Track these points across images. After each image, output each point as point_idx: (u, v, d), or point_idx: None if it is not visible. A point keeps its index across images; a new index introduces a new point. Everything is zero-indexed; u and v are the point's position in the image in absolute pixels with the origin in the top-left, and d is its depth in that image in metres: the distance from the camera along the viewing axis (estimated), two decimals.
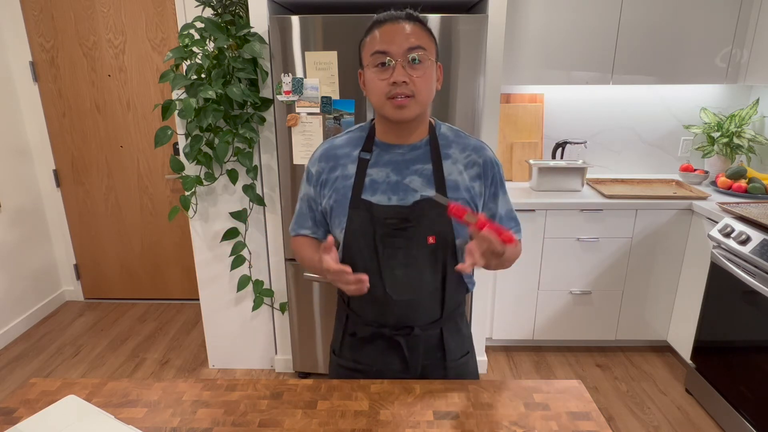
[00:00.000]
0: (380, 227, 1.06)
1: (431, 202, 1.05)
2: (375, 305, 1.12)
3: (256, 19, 2.07)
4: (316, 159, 1.15)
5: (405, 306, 1.10)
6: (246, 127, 2.12)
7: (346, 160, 1.11)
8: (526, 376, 2.55)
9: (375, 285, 1.07)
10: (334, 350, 1.25)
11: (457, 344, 1.19)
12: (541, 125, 2.85)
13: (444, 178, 1.08)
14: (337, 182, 1.11)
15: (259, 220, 2.39)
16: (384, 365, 1.16)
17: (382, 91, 1.00)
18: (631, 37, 2.46)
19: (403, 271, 1.08)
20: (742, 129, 2.66)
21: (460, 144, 1.13)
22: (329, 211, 1.12)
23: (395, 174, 1.08)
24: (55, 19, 2.87)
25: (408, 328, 1.12)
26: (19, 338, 2.96)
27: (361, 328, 1.16)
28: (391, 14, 1.02)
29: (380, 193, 1.07)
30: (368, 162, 1.09)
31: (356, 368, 1.19)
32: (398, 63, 0.98)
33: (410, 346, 1.13)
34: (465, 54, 2.02)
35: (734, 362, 2.09)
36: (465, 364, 1.21)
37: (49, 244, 3.24)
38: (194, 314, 3.21)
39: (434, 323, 1.14)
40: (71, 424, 0.94)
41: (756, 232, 2.00)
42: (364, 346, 1.18)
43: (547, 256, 2.55)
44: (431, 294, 1.11)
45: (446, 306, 1.14)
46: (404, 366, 1.15)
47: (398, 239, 1.06)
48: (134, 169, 3.13)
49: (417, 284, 1.09)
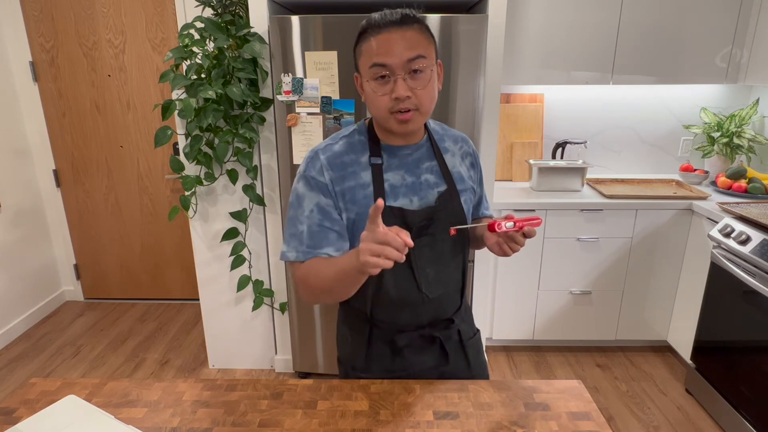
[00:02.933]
0: (413, 229, 1.05)
1: (446, 195, 1.08)
2: (408, 308, 1.11)
3: (256, 19, 2.07)
4: (322, 168, 1.04)
5: (437, 302, 1.12)
6: (246, 127, 2.12)
7: (355, 167, 1.05)
8: (526, 376, 2.55)
9: (409, 287, 1.08)
10: (355, 367, 1.17)
11: (468, 325, 1.23)
12: (541, 125, 2.85)
13: (449, 171, 1.11)
14: (354, 192, 1.03)
15: (259, 220, 2.39)
16: (422, 365, 1.16)
17: (384, 106, 0.97)
18: (631, 37, 2.46)
19: (433, 268, 1.09)
20: (742, 129, 2.66)
21: (450, 137, 1.17)
22: (350, 225, 1.05)
23: (409, 175, 1.07)
24: (55, 19, 2.87)
25: (445, 321, 1.15)
26: (19, 338, 2.96)
27: (398, 336, 1.12)
28: (386, 18, 0.95)
29: (402, 196, 1.06)
30: (382, 167, 1.05)
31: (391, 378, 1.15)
32: (399, 78, 0.94)
33: (446, 338, 1.16)
34: (465, 54, 2.02)
35: (734, 362, 2.09)
36: (478, 341, 1.25)
37: (48, 244, 3.24)
38: (194, 314, 3.21)
39: (457, 312, 1.17)
40: (71, 424, 0.94)
41: (756, 232, 2.00)
42: (397, 354, 1.14)
43: (547, 256, 2.55)
44: (456, 285, 1.15)
45: (464, 293, 1.18)
46: (440, 360, 1.16)
47: (424, 237, 1.07)
48: (134, 169, 3.13)
49: (446, 278, 1.11)
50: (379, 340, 1.14)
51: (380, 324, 1.13)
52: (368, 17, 0.98)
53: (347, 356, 1.20)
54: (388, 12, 0.97)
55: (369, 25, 0.97)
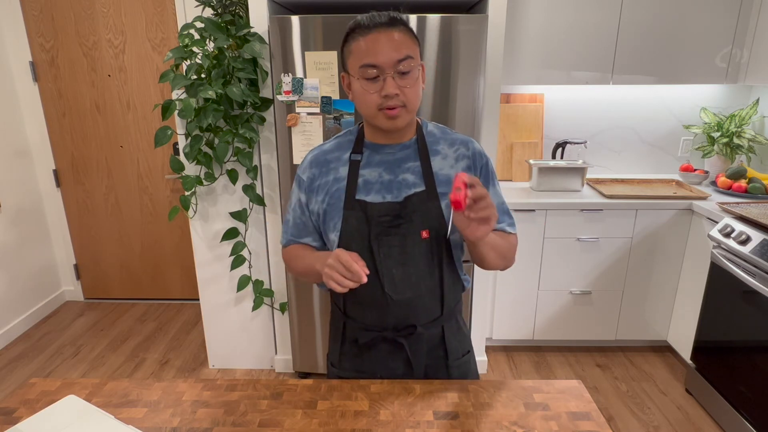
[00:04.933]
0: (375, 226, 1.06)
1: (422, 196, 1.07)
2: (374, 308, 1.11)
3: (256, 19, 2.07)
4: (306, 166, 1.14)
5: (405, 305, 1.09)
6: (246, 127, 2.12)
7: (336, 163, 1.12)
8: (526, 376, 2.55)
9: (373, 286, 1.07)
10: (333, 362, 1.22)
11: (459, 343, 1.19)
12: (541, 125, 2.85)
13: (433, 173, 1.09)
14: (329, 185, 1.11)
15: (259, 220, 2.39)
16: (387, 370, 1.15)
17: (373, 103, 1.01)
18: (631, 36, 2.47)
19: (400, 269, 1.07)
20: (742, 129, 2.66)
21: (447, 140, 1.14)
22: (322, 215, 1.12)
23: (388, 173, 1.09)
24: (55, 19, 2.87)
25: (410, 327, 1.11)
26: (19, 338, 2.96)
27: (362, 334, 1.14)
28: (374, 20, 0.99)
29: (374, 192, 1.08)
30: (360, 163, 1.10)
31: (359, 378, 1.17)
32: (388, 76, 0.98)
33: (413, 346, 1.13)
34: (465, 54, 2.02)
35: (734, 362, 2.09)
36: (467, 362, 1.21)
37: (49, 244, 3.24)
38: (194, 314, 3.21)
39: (435, 321, 1.13)
40: (71, 424, 0.94)
41: (756, 232, 2.00)
42: (365, 353, 1.16)
43: (547, 256, 2.55)
44: (430, 291, 1.11)
45: (445, 303, 1.13)
46: (408, 369, 1.15)
47: (393, 237, 1.06)
48: (134, 169, 3.13)
49: (415, 282, 1.09)
50: (350, 336, 1.17)
51: (351, 320, 1.16)
52: (355, 18, 1.02)
53: (329, 351, 1.26)
54: (375, 14, 1.01)
55: (357, 26, 1.01)
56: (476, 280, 2.42)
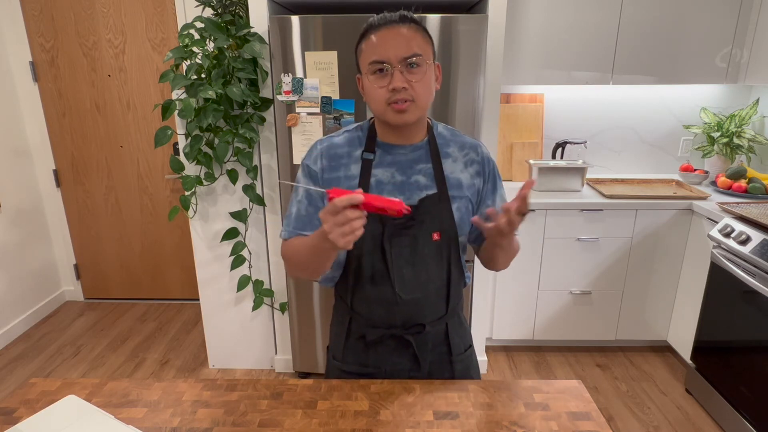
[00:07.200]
0: (388, 227, 1.06)
1: (434, 198, 1.07)
2: (383, 306, 1.11)
3: (256, 19, 2.07)
4: (317, 157, 1.11)
5: (413, 305, 1.10)
6: (246, 127, 2.12)
7: (347, 160, 1.10)
8: (526, 376, 2.55)
9: (384, 286, 1.08)
10: (335, 355, 1.22)
11: (461, 338, 1.21)
12: (541, 125, 2.85)
13: (444, 176, 1.10)
14: (340, 183, 1.09)
15: (259, 220, 2.39)
16: (393, 366, 1.16)
17: (382, 98, 1.01)
18: (631, 36, 2.46)
19: (411, 269, 1.08)
20: (742, 129, 2.66)
21: (457, 143, 1.15)
22: None
23: (400, 174, 1.09)
24: (55, 19, 2.87)
25: (418, 326, 1.13)
26: (19, 338, 2.96)
27: (369, 330, 1.14)
28: (385, 18, 1.01)
29: (386, 193, 1.08)
30: (372, 162, 1.09)
31: (363, 372, 1.17)
32: (396, 69, 0.98)
33: (420, 344, 1.14)
34: (465, 54, 2.02)
35: (734, 362, 2.09)
36: (469, 357, 1.23)
37: (49, 244, 3.24)
38: (194, 314, 3.21)
39: (440, 319, 1.15)
40: (71, 424, 0.94)
41: (756, 232, 2.00)
42: (371, 349, 1.16)
43: (547, 256, 2.55)
44: (437, 291, 1.12)
45: (451, 301, 1.15)
46: (414, 364, 1.16)
47: (404, 238, 1.07)
48: (134, 169, 3.13)
49: (424, 282, 1.10)
50: (356, 331, 1.17)
51: (357, 316, 1.16)
52: (369, 20, 1.03)
53: (331, 344, 1.25)
54: (387, 14, 1.02)
55: (369, 26, 1.03)
56: (476, 281, 2.42)
